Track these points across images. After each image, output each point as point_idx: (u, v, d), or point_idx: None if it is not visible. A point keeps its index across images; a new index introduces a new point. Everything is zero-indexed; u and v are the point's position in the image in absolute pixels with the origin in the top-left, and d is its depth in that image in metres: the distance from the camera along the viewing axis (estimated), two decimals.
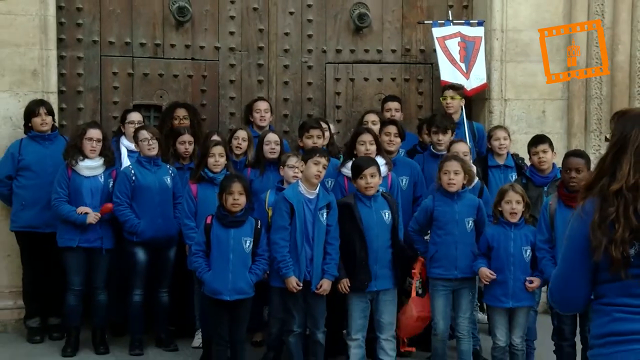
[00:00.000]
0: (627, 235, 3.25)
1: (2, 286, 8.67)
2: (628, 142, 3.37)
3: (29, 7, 8.58)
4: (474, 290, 7.12)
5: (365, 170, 6.84)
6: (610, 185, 3.33)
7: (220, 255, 6.78)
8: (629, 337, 3.29)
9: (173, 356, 7.94)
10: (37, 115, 8.19)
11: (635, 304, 3.31)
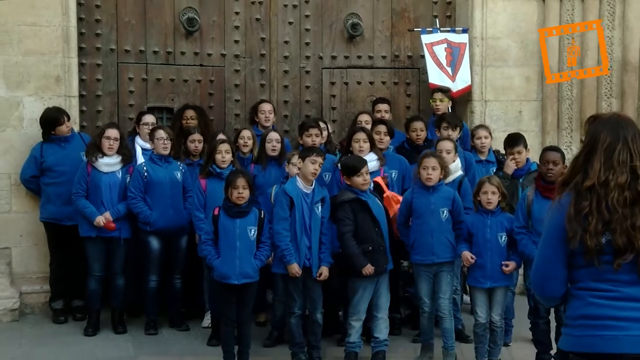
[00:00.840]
0: (600, 226, 3.29)
1: (31, 272, 8.69)
2: (598, 143, 3.41)
3: (53, 19, 8.58)
4: (452, 274, 7.11)
5: (362, 169, 6.89)
6: (584, 181, 3.37)
7: (228, 243, 6.80)
8: (600, 322, 3.31)
9: (185, 335, 7.97)
10: (63, 124, 8.23)
11: (606, 288, 3.33)
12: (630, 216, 3.29)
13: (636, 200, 3.32)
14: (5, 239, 8.60)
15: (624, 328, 3.28)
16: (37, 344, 7.74)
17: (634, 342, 3.27)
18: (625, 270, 3.30)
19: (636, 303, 3.30)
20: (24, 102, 8.60)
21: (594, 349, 3.31)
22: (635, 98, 9.31)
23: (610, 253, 3.30)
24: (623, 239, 3.27)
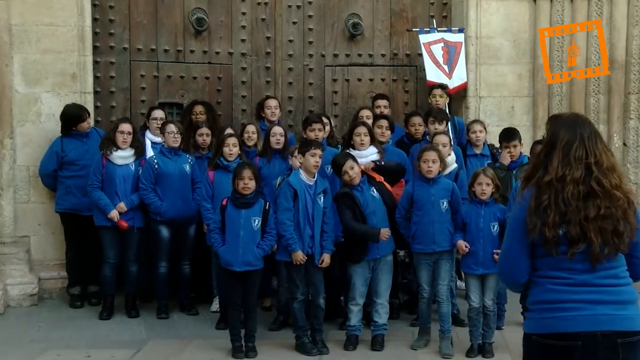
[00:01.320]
0: (557, 219, 3.39)
1: (48, 259, 8.74)
2: (557, 141, 3.52)
3: (69, 19, 8.62)
4: (451, 262, 7.12)
5: (343, 166, 6.92)
6: (544, 177, 3.47)
7: (232, 232, 6.82)
8: (558, 305, 3.42)
9: (194, 319, 8.00)
10: (84, 120, 8.29)
11: (563, 276, 3.44)
12: (583, 209, 3.39)
13: (590, 194, 3.42)
14: (24, 228, 8.65)
15: (580, 309, 3.39)
16: (54, 327, 7.78)
17: (588, 321, 3.37)
18: (579, 260, 3.41)
19: (589, 288, 3.41)
20: (42, 98, 8.65)
21: (554, 329, 3.41)
22: (622, 94, 9.27)
23: (566, 244, 3.40)
24: (577, 230, 3.38)
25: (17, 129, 8.56)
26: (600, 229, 3.38)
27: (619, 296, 3.45)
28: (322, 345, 6.94)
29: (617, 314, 3.41)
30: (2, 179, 8.46)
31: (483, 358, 6.81)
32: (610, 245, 3.40)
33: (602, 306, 3.40)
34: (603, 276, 3.43)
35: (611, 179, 3.45)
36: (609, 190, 3.43)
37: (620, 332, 3.38)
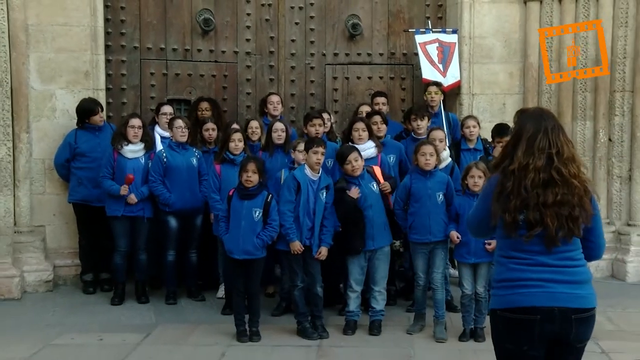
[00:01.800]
0: (518, 204, 3.55)
1: (62, 247, 8.76)
2: (523, 133, 3.66)
3: (82, 20, 8.62)
4: (446, 251, 7.13)
5: (348, 156, 6.94)
6: (510, 165, 3.62)
7: (235, 221, 6.82)
8: (517, 282, 3.60)
9: (201, 305, 8.01)
10: (97, 114, 8.30)
11: (522, 257, 3.61)
12: (542, 195, 3.54)
13: (549, 182, 3.56)
14: (40, 218, 8.67)
15: (539, 287, 3.56)
16: (68, 312, 7.79)
17: (546, 298, 3.55)
18: (537, 242, 3.57)
19: (547, 268, 3.58)
20: (57, 94, 8.66)
21: (515, 304, 3.59)
22: (607, 92, 9.25)
23: (525, 227, 3.56)
24: (535, 214, 3.54)
25: (33, 124, 8.57)
26: (557, 214, 3.53)
27: (575, 276, 3.62)
28: (323, 330, 6.95)
29: (572, 293, 3.58)
30: (19, 171, 8.46)
31: (475, 342, 6.82)
32: (564, 230, 3.55)
33: (559, 285, 3.57)
34: (560, 258, 3.60)
35: (570, 168, 3.59)
36: (567, 178, 3.57)
37: (575, 309, 3.57)
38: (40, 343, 6.68)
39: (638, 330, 6.73)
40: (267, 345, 6.70)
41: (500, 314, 3.65)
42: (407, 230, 7.14)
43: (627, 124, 9.22)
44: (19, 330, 7.09)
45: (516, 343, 3.61)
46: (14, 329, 7.14)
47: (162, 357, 6.39)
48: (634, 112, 9.15)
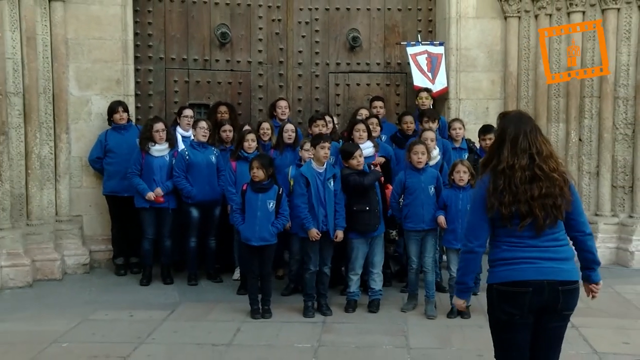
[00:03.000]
0: (511, 199, 3.66)
1: (97, 234, 8.78)
2: (506, 135, 3.75)
3: (114, 34, 8.65)
4: (436, 238, 7.12)
5: (355, 153, 6.94)
6: (498, 165, 3.71)
7: (250, 212, 6.81)
8: (510, 261, 3.71)
9: (219, 286, 8.02)
10: (117, 112, 8.33)
11: (515, 241, 3.72)
12: (529, 190, 3.65)
13: (534, 178, 3.67)
14: (77, 209, 8.70)
15: (529, 263, 3.68)
16: (103, 291, 7.82)
17: (536, 272, 3.67)
18: (527, 229, 3.69)
19: (536, 248, 3.69)
20: (92, 100, 8.68)
21: (510, 279, 3.70)
22: (577, 97, 9.19)
23: (517, 218, 3.67)
24: (525, 207, 3.65)
25: (71, 125, 8.59)
26: (543, 205, 3.65)
27: (559, 254, 3.73)
28: (327, 308, 6.94)
29: (558, 267, 3.70)
30: (59, 167, 8.48)
31: (462, 319, 6.79)
32: (550, 217, 3.67)
33: (546, 261, 3.69)
34: (546, 239, 3.71)
35: (550, 164, 3.69)
36: (548, 173, 3.67)
37: (561, 281, 3.68)
38: (79, 318, 6.70)
39: (603, 308, 6.77)
40: (277, 322, 6.70)
41: (496, 287, 3.73)
42: (400, 221, 7.14)
43: (595, 125, 9.17)
44: (61, 307, 7.14)
45: (509, 313, 3.69)
46: (56, 306, 7.19)
47: (185, 331, 6.38)
48: (601, 115, 9.09)
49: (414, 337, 6.27)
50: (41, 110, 8.26)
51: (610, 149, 9.09)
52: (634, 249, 8.82)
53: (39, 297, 7.55)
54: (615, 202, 9.16)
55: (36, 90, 8.18)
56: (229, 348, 5.93)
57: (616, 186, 9.14)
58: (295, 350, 5.92)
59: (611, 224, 9.08)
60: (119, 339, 6.15)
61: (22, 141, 8.08)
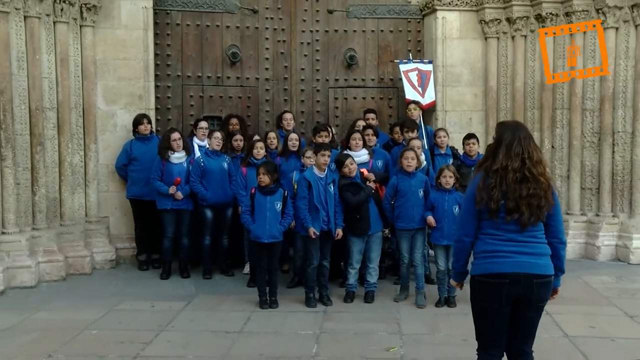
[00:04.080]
0: (500, 195, 3.70)
1: (122, 234, 8.77)
2: (502, 140, 3.80)
3: (137, 55, 8.67)
4: (424, 235, 7.13)
5: (345, 161, 6.98)
6: (492, 166, 3.76)
7: (260, 213, 6.80)
8: (491, 254, 3.74)
9: (231, 279, 8.01)
10: (142, 124, 8.33)
11: (499, 234, 3.74)
12: (518, 189, 3.68)
13: (523, 179, 3.69)
14: (105, 211, 8.70)
15: (508, 257, 3.70)
16: (127, 284, 7.82)
17: (514, 266, 3.68)
18: (512, 223, 3.71)
19: (515, 243, 3.72)
20: (117, 113, 8.69)
21: (489, 271, 3.72)
22: (550, 109, 9.21)
23: (503, 212, 3.70)
24: (513, 204, 3.68)
25: (99, 136, 8.59)
26: (529, 204, 3.67)
27: (536, 250, 3.74)
28: (327, 299, 6.95)
29: (534, 262, 3.72)
30: (88, 174, 8.49)
31: (448, 307, 6.82)
32: (534, 216, 3.69)
33: (523, 256, 3.70)
34: (526, 236, 3.72)
35: (538, 168, 3.73)
36: (536, 176, 3.70)
37: (536, 275, 3.70)
38: (106, 308, 6.72)
39: (574, 296, 6.85)
40: (283, 311, 6.70)
41: (477, 279, 3.75)
42: (392, 221, 7.13)
43: (566, 134, 9.19)
44: (90, 298, 7.15)
45: (489, 302, 3.72)
46: (86, 297, 7.20)
47: (201, 320, 6.38)
48: (571, 125, 9.12)
49: (406, 324, 6.27)
50: (72, 123, 8.28)
51: (579, 155, 9.12)
52: (600, 244, 8.86)
53: (72, 289, 7.56)
54: (584, 202, 9.19)
55: (68, 105, 8.19)
56: (240, 335, 5.94)
57: (585, 188, 9.16)
58: (299, 336, 5.92)
59: (580, 221, 9.11)
60: (142, 326, 6.15)
61: (56, 151, 8.10)
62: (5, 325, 6.21)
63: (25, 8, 7.67)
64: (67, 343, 5.70)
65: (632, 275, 8.11)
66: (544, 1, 8.97)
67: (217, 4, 9.30)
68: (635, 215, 8.83)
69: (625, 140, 8.85)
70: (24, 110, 7.73)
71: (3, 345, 5.69)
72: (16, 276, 7.50)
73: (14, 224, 7.65)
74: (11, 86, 7.57)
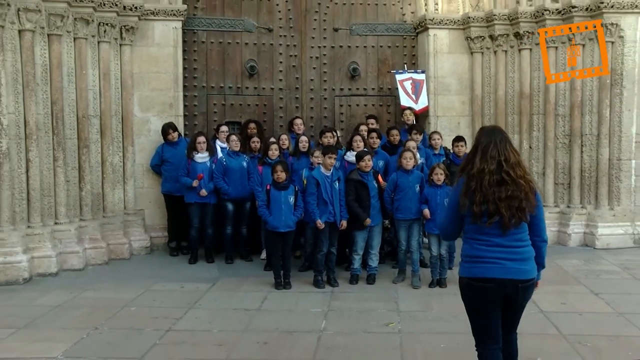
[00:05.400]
0: (481, 199, 3.42)
1: (155, 224, 8.79)
2: (479, 144, 3.53)
3: (168, 69, 8.71)
4: (420, 225, 7.11)
5: (364, 157, 6.95)
6: (472, 170, 3.48)
7: (276, 206, 6.81)
8: (479, 259, 3.49)
9: (250, 264, 8.00)
10: (169, 134, 8.35)
11: (484, 239, 3.48)
12: (497, 192, 3.41)
13: (501, 182, 3.42)
14: (140, 204, 8.74)
15: (495, 263, 3.45)
16: (160, 268, 7.86)
17: (500, 271, 3.44)
18: (494, 227, 3.44)
19: (501, 248, 3.45)
20: (151, 120, 8.72)
21: (478, 275, 3.47)
22: (528, 114, 9.19)
23: (486, 216, 3.42)
24: (493, 206, 3.40)
25: (135, 140, 8.63)
26: (509, 206, 3.39)
27: (521, 255, 3.50)
28: (334, 281, 6.97)
29: (519, 268, 3.48)
30: (127, 172, 8.54)
31: (440, 288, 6.84)
32: (515, 217, 3.41)
33: (510, 262, 3.46)
34: (511, 239, 3.46)
35: (517, 171, 3.45)
36: (515, 179, 3.42)
37: (521, 280, 3.47)
38: (143, 288, 6.78)
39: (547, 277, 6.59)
40: (295, 292, 6.73)
41: (466, 280, 3.54)
42: (392, 212, 7.14)
43: (541, 136, 9.17)
44: (129, 280, 7.20)
45: (479, 302, 3.52)
46: (125, 279, 7.24)
47: (224, 299, 6.41)
48: (546, 128, 9.11)
49: (403, 302, 6.30)
50: (113, 128, 8.33)
51: (553, 154, 9.11)
52: (570, 232, 8.86)
53: (113, 272, 7.61)
54: (557, 195, 9.19)
55: (109, 113, 8.26)
56: (258, 312, 5.97)
57: (557, 183, 9.16)
58: (310, 314, 5.94)
59: (554, 212, 9.11)
60: (174, 304, 6.20)
61: (99, 152, 8.17)
62: (60, 301, 6.32)
63: (75, 31, 7.79)
64: (110, 318, 5.78)
65: (598, 258, 8.14)
66: (521, 21, 8.97)
67: (237, 24, 9.33)
68: (601, 206, 8.84)
69: (592, 142, 8.86)
70: (72, 117, 7.82)
71: (59, 318, 5.82)
72: (67, 260, 7.58)
73: (64, 216, 7.73)
74: (62, 97, 7.67)
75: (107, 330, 5.43)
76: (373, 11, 9.71)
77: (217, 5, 9.30)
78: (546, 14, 8.77)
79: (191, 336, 5.28)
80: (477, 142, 3.55)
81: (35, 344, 5.12)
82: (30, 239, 7.29)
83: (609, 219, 8.73)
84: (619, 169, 8.75)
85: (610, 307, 6.06)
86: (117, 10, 8.17)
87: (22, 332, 5.43)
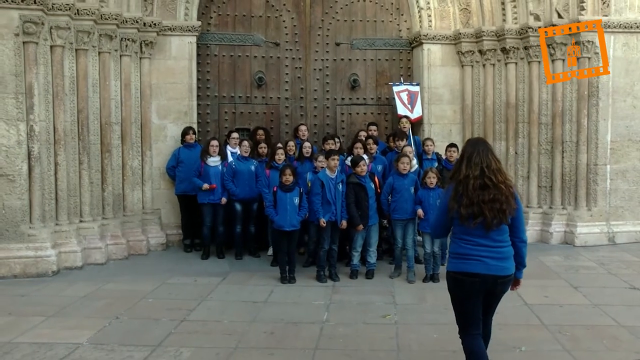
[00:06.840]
0: (468, 202, 3.52)
1: (171, 222, 8.80)
2: (465, 153, 3.65)
3: (183, 79, 8.73)
4: (414, 225, 7.12)
5: (359, 162, 6.98)
6: (459, 176, 3.59)
7: (282, 207, 6.79)
8: (464, 256, 3.59)
9: (257, 260, 7.99)
10: (189, 135, 8.38)
11: (469, 238, 3.58)
12: (481, 195, 3.50)
13: (484, 186, 3.51)
14: (157, 204, 8.75)
15: (478, 260, 3.55)
16: (175, 263, 7.86)
17: (483, 267, 3.53)
18: (478, 228, 3.53)
19: (484, 247, 3.55)
20: (167, 126, 8.74)
21: (463, 270, 3.57)
22: (514, 123, 9.20)
23: (472, 217, 3.51)
24: (477, 208, 3.50)
25: (153, 145, 8.65)
26: (491, 208, 3.49)
27: (502, 254, 3.59)
28: (336, 276, 6.97)
29: (500, 265, 3.58)
30: (145, 175, 8.55)
31: (433, 283, 6.84)
32: (497, 218, 3.50)
33: (492, 260, 3.55)
34: (493, 240, 3.55)
35: (498, 176, 3.54)
36: (496, 183, 3.51)
37: (501, 276, 3.58)
38: (159, 282, 6.80)
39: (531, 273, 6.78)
40: (300, 286, 6.73)
41: (453, 275, 3.64)
42: (388, 213, 7.15)
43: (526, 143, 9.19)
44: (146, 274, 7.21)
45: (463, 293, 3.62)
46: (143, 273, 7.25)
47: (234, 292, 6.42)
48: (530, 135, 9.12)
49: (399, 296, 6.31)
50: (133, 134, 8.35)
51: (536, 159, 9.12)
52: (552, 231, 8.88)
53: (132, 266, 7.63)
54: (540, 197, 9.20)
55: (130, 120, 8.28)
56: (265, 304, 5.97)
57: (541, 186, 9.18)
58: (313, 306, 5.95)
59: (537, 213, 9.13)
60: (187, 297, 6.21)
61: (120, 156, 8.20)
62: (84, 292, 6.37)
63: (100, 46, 7.87)
64: (130, 308, 5.80)
65: (576, 255, 8.16)
66: (507, 37, 9.00)
67: (247, 39, 9.37)
68: (579, 207, 8.86)
69: (572, 148, 8.89)
70: (96, 124, 7.87)
71: (84, 307, 5.87)
72: (91, 255, 7.61)
73: (88, 214, 7.78)
74: (87, 106, 7.71)
75: (127, 320, 5.46)
76: (372, 27, 9.74)
77: (229, 21, 9.34)
78: (530, 32, 8.82)
79: (203, 326, 5.30)
80: (464, 151, 3.67)
81: (64, 331, 5.17)
82: (58, 235, 7.33)
83: (586, 219, 8.77)
84: (595, 173, 8.79)
85: (587, 300, 6.09)
86: (138, 26, 8.23)
87: (52, 319, 5.49)
